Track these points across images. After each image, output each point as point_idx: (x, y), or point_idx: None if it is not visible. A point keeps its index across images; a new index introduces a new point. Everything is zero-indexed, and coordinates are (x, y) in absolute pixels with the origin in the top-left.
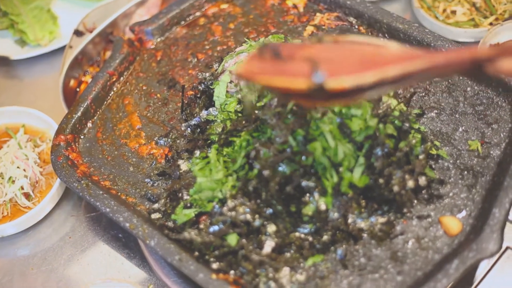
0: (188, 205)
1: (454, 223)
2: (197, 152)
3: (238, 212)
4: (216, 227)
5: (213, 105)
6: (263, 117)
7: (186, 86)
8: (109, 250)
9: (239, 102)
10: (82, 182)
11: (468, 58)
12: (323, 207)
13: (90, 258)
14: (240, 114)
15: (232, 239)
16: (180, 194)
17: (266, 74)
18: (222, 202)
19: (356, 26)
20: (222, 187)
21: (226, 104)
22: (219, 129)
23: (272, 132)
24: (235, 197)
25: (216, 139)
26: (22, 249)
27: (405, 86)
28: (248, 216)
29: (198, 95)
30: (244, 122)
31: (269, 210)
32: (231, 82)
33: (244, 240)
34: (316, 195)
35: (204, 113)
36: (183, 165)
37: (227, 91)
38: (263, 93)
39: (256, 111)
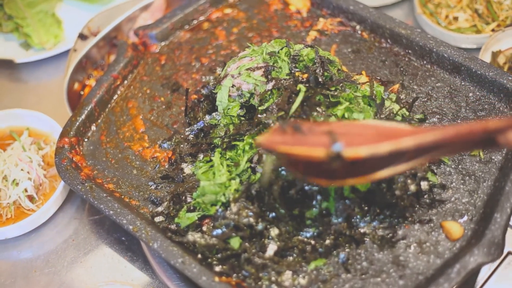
0: (191, 208)
1: (455, 228)
2: (201, 156)
3: (241, 215)
4: (219, 231)
5: (216, 110)
6: (265, 121)
7: (190, 90)
8: (112, 253)
9: (242, 106)
10: (86, 184)
11: (479, 130)
12: (326, 211)
13: (93, 261)
14: (242, 118)
15: (235, 243)
16: (183, 197)
17: (287, 144)
18: (225, 205)
19: (359, 32)
20: (225, 190)
21: (228, 108)
22: (222, 133)
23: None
24: (238, 200)
25: (219, 143)
26: (25, 252)
27: (419, 163)
28: (251, 220)
29: (202, 99)
30: (246, 126)
31: (272, 214)
32: (233, 86)
33: (247, 244)
34: (319, 198)
35: (207, 118)
36: (187, 169)
37: (229, 95)
38: (265, 97)
39: (259, 115)
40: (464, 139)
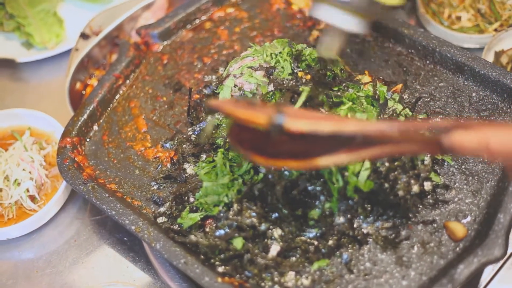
0: (194, 208)
1: (459, 228)
2: (204, 156)
3: (243, 216)
4: (222, 231)
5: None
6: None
7: (192, 90)
8: (114, 253)
9: None
10: (88, 184)
11: (423, 127)
12: (329, 211)
13: (95, 261)
14: None
15: (238, 243)
16: (186, 198)
17: (234, 107)
18: (228, 206)
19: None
20: (228, 191)
21: None
22: (225, 133)
23: None
24: (241, 201)
25: (222, 143)
26: (27, 252)
27: (363, 158)
28: (254, 220)
29: (204, 99)
30: None
31: (275, 214)
32: (235, 86)
33: (249, 244)
34: (322, 199)
35: (209, 118)
36: (189, 169)
37: (231, 96)
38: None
39: None
40: (409, 135)
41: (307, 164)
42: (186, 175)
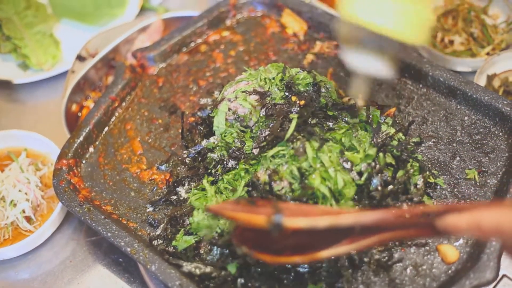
0: (189, 232)
1: (451, 251)
2: (196, 183)
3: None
4: (216, 254)
5: (214, 134)
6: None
7: (187, 113)
8: (109, 274)
9: (238, 134)
10: (84, 206)
11: (418, 213)
12: None
13: (90, 282)
14: (239, 144)
15: (232, 268)
16: (181, 221)
17: (234, 211)
18: (221, 234)
19: None
20: (219, 223)
21: (225, 135)
22: (217, 158)
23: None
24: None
25: (213, 171)
26: (23, 273)
27: (364, 247)
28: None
29: (199, 122)
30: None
31: None
32: (229, 110)
33: (244, 270)
34: None
35: (204, 142)
36: (184, 193)
37: (226, 119)
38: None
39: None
40: (404, 221)
41: (310, 257)
42: (181, 198)
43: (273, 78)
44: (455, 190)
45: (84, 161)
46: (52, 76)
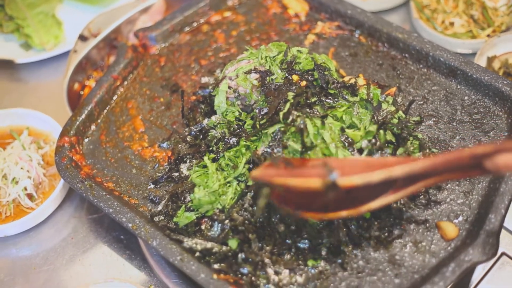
0: (190, 208)
1: (451, 228)
2: (197, 160)
3: (237, 220)
4: (217, 230)
5: (215, 112)
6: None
7: (189, 91)
8: (110, 251)
9: (240, 113)
10: (86, 183)
11: (467, 156)
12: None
13: (92, 259)
14: (240, 122)
15: (233, 243)
16: (182, 198)
17: (282, 176)
18: (222, 210)
19: (357, 35)
20: (219, 199)
21: (227, 114)
22: (218, 135)
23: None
24: (234, 207)
25: (214, 148)
26: (25, 249)
27: (407, 194)
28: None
29: (201, 100)
30: (241, 130)
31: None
32: (230, 88)
33: (245, 244)
34: None
35: (205, 121)
36: (185, 170)
37: (227, 98)
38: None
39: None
40: (452, 166)
41: (359, 211)
42: (182, 175)
43: (274, 57)
44: None
45: (86, 139)
46: (54, 56)
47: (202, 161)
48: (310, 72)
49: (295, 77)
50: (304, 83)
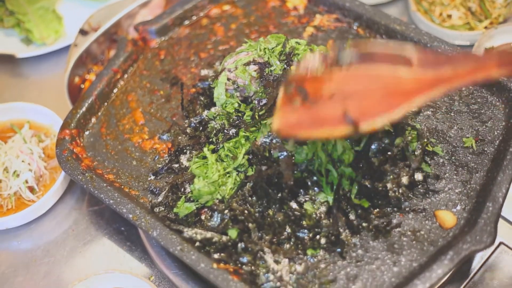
0: (190, 199)
1: (449, 217)
2: (197, 152)
3: (236, 210)
4: (217, 220)
5: (215, 104)
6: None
7: (188, 84)
8: (111, 243)
9: (239, 104)
10: (87, 175)
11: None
12: (322, 208)
13: (93, 251)
14: (239, 113)
15: (233, 233)
16: (182, 189)
17: (304, 127)
18: (222, 201)
19: (355, 28)
20: (219, 189)
21: (226, 105)
22: (218, 127)
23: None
24: (234, 198)
25: (214, 139)
26: (26, 242)
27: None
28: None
29: (201, 92)
30: (240, 121)
31: (267, 212)
32: (229, 80)
33: (244, 234)
34: (315, 190)
35: (205, 112)
36: (185, 161)
37: (226, 90)
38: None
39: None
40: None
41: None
42: (182, 166)
43: (273, 49)
44: (453, 157)
45: (86, 132)
46: (55, 50)
47: (201, 152)
48: None
49: (293, 68)
50: None
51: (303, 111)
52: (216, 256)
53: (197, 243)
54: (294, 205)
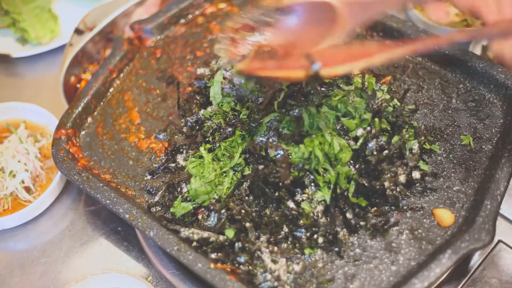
0: (187, 199)
1: (447, 215)
2: (193, 151)
3: (233, 210)
4: (214, 219)
5: (211, 104)
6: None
7: (185, 83)
8: (108, 243)
9: (235, 103)
10: (83, 175)
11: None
12: (319, 207)
13: (89, 251)
14: (236, 113)
15: (230, 233)
16: (178, 189)
17: (267, 69)
18: (219, 200)
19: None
20: (216, 189)
21: (222, 104)
22: (214, 126)
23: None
24: (231, 197)
25: (210, 138)
26: (22, 242)
27: None
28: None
29: (197, 91)
30: (237, 120)
31: (263, 212)
32: (224, 79)
33: (242, 234)
34: (312, 189)
35: (201, 112)
36: (182, 160)
37: (222, 89)
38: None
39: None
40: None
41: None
42: (179, 166)
43: None
44: (450, 155)
45: (82, 131)
46: (50, 50)
47: (198, 151)
48: None
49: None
50: None
51: (269, 61)
52: (213, 256)
53: (194, 243)
54: (291, 204)
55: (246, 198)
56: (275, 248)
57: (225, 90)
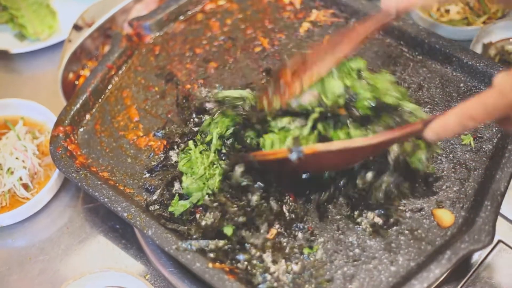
0: (185, 197)
1: (447, 216)
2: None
3: (227, 204)
4: (210, 218)
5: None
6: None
7: (184, 80)
8: (106, 241)
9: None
10: (81, 172)
11: (416, 131)
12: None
13: (88, 249)
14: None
15: (228, 230)
16: (174, 186)
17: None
18: (213, 195)
19: (352, 23)
20: (207, 182)
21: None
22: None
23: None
24: (222, 190)
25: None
26: (20, 240)
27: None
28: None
29: (196, 91)
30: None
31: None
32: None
33: (240, 231)
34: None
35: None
36: (174, 156)
37: None
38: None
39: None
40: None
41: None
42: (172, 162)
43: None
44: (451, 155)
45: (81, 129)
46: (49, 46)
47: (187, 146)
48: None
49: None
50: None
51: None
52: (212, 255)
53: None
54: (290, 203)
55: (237, 191)
56: (274, 248)
57: None
